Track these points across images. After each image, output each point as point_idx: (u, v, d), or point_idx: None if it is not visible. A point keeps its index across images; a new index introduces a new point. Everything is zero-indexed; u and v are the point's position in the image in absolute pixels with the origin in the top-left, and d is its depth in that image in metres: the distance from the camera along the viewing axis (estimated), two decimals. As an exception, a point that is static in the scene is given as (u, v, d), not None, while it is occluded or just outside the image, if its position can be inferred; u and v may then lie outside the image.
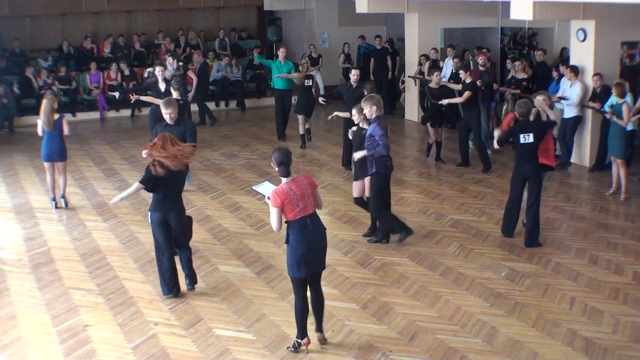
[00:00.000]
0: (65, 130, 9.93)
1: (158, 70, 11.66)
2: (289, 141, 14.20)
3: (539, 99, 8.59)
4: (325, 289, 7.36)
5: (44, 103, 9.88)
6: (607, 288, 7.29)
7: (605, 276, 7.59)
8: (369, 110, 8.19)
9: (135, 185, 6.91)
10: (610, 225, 9.17)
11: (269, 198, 5.82)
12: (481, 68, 12.77)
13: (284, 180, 5.84)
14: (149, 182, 6.81)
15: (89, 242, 8.92)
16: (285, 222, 5.84)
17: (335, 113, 11.11)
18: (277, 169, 5.85)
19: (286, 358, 6.05)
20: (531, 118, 8.29)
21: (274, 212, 5.76)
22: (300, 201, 5.76)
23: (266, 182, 6.41)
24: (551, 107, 8.88)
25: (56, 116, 9.88)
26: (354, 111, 8.58)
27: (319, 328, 6.19)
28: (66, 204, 10.32)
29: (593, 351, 6.05)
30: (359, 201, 8.84)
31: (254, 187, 6.45)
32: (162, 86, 11.53)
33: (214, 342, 6.30)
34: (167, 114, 8.61)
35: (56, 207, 10.24)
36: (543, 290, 7.27)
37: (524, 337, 6.30)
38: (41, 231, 9.35)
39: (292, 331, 6.45)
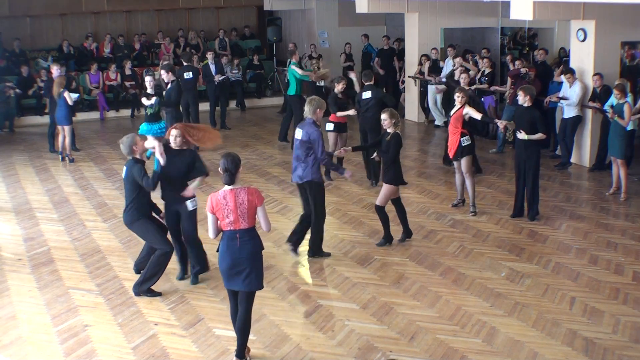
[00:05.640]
0: (68, 101, 12.51)
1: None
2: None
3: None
4: (325, 289, 7.38)
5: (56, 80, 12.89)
6: (607, 288, 7.29)
7: (605, 276, 7.59)
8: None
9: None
10: (610, 225, 9.17)
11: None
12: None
13: (225, 187, 5.67)
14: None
15: (89, 242, 8.92)
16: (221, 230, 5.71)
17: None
18: (222, 175, 5.68)
19: (286, 358, 6.04)
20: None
21: (208, 217, 5.68)
22: (231, 214, 5.55)
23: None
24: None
25: (61, 90, 12.51)
26: (384, 115, 8.30)
27: (238, 353, 5.81)
28: (71, 159, 12.94)
29: (593, 351, 6.05)
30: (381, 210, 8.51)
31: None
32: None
33: (214, 342, 6.30)
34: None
35: (62, 160, 13.02)
36: (543, 290, 7.27)
37: (524, 337, 6.30)
38: (41, 231, 9.35)
39: (292, 331, 6.46)
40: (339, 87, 11.08)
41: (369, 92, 10.81)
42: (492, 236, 8.83)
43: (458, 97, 9.47)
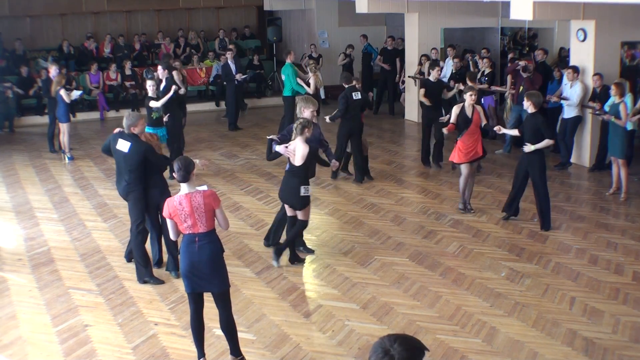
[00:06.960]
0: (65, 98, 12.52)
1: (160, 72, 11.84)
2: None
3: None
4: (325, 289, 7.38)
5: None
6: (607, 288, 7.29)
7: (605, 276, 7.60)
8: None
9: None
10: (610, 225, 9.17)
11: None
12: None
13: (181, 187, 5.71)
14: None
15: (89, 242, 8.92)
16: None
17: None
18: (176, 174, 5.72)
19: (286, 358, 6.05)
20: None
21: (167, 221, 5.78)
22: (189, 218, 5.59)
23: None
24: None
25: (58, 87, 12.60)
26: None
27: (232, 351, 5.93)
28: (69, 157, 13.00)
29: (593, 351, 6.06)
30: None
31: None
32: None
33: (214, 342, 6.29)
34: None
35: (63, 153, 13.16)
36: (543, 290, 7.27)
37: (524, 337, 6.30)
38: (41, 231, 9.36)
39: (292, 331, 6.46)
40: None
41: (358, 92, 10.93)
42: (492, 236, 8.83)
43: (471, 96, 9.38)
